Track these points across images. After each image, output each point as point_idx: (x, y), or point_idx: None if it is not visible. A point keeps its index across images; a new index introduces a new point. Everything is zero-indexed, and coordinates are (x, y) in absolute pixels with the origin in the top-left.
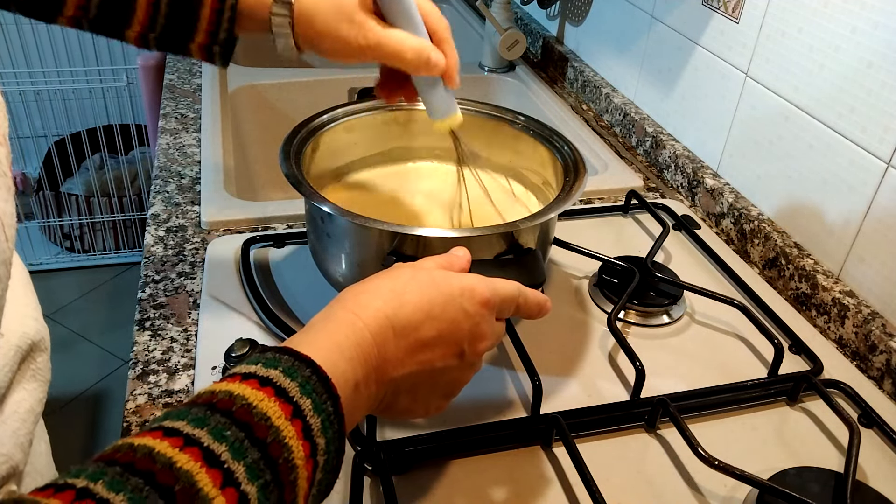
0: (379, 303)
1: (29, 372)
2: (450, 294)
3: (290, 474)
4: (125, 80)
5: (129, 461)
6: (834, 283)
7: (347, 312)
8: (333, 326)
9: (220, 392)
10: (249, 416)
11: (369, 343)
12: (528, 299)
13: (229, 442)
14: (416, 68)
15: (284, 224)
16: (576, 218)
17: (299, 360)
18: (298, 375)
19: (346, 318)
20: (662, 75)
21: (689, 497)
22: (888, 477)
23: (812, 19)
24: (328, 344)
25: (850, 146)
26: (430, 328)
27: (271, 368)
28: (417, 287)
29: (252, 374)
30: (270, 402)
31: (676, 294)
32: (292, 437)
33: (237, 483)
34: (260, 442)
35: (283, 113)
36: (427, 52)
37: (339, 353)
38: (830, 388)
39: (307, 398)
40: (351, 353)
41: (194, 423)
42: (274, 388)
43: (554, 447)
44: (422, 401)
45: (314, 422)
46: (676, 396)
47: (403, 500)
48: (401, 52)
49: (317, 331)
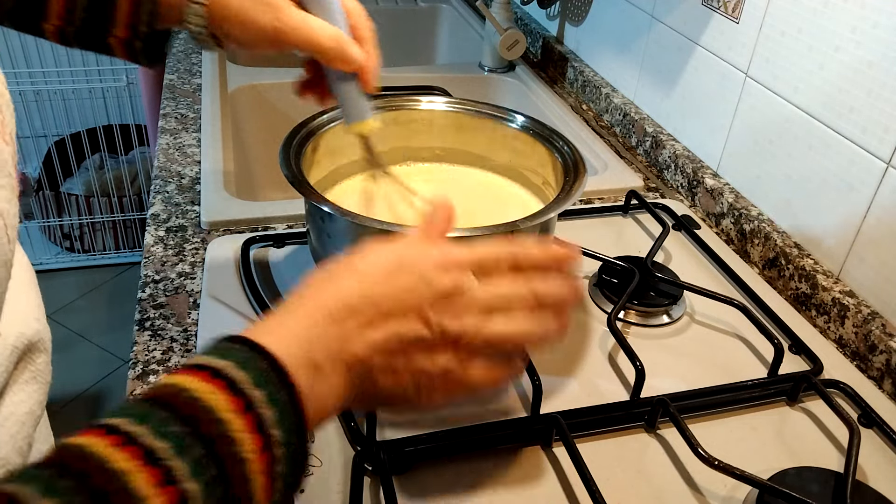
0: (335, 284)
1: (28, 373)
2: (407, 262)
3: (239, 468)
4: (125, 80)
5: (64, 462)
6: (834, 283)
7: (305, 298)
8: (293, 314)
9: (167, 385)
10: (195, 409)
11: (326, 324)
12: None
13: (171, 438)
14: (331, 58)
15: (284, 224)
16: (576, 218)
17: (254, 351)
18: (252, 366)
19: (304, 304)
20: (662, 75)
21: (689, 497)
22: (888, 477)
23: (812, 19)
24: (285, 332)
25: (850, 146)
26: (387, 299)
27: (224, 359)
28: (375, 260)
29: (204, 366)
30: (218, 394)
31: (676, 294)
32: (241, 430)
33: (177, 481)
34: (204, 437)
35: (283, 113)
36: (345, 44)
37: (296, 341)
38: (830, 388)
39: (260, 389)
40: (309, 339)
41: (136, 419)
42: (225, 381)
43: (554, 447)
44: (406, 381)
45: (267, 414)
46: (676, 396)
47: (403, 500)
48: (318, 38)
49: (276, 319)
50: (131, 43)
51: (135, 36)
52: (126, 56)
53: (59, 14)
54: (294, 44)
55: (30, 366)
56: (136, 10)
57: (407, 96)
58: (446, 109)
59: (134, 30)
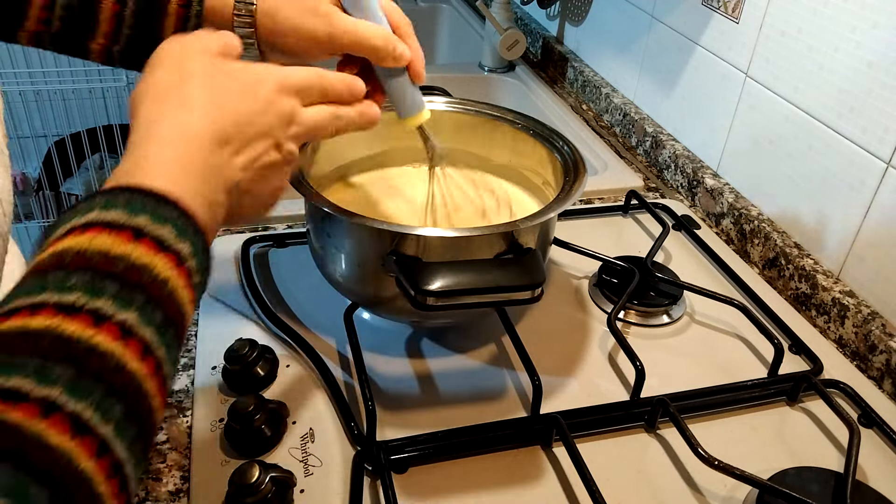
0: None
1: None
2: (249, 86)
3: (163, 289)
4: (125, 80)
5: None
6: (834, 283)
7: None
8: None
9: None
10: (86, 260)
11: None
12: (331, 81)
13: (78, 287)
14: (383, 57)
15: (284, 224)
16: (576, 218)
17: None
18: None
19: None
20: (662, 75)
21: (689, 497)
22: (888, 477)
23: (812, 19)
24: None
25: (850, 146)
26: (247, 125)
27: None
28: (225, 87)
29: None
30: (101, 237)
31: (676, 294)
32: (144, 254)
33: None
34: (112, 274)
35: None
36: (394, 42)
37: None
38: (830, 388)
39: (141, 215)
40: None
41: (32, 291)
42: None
43: (554, 447)
44: (263, 201)
45: (163, 232)
46: (676, 396)
47: (403, 500)
48: (369, 39)
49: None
50: None
51: None
52: None
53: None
54: (348, 48)
55: None
56: (182, 25)
57: None
58: (446, 109)
59: None
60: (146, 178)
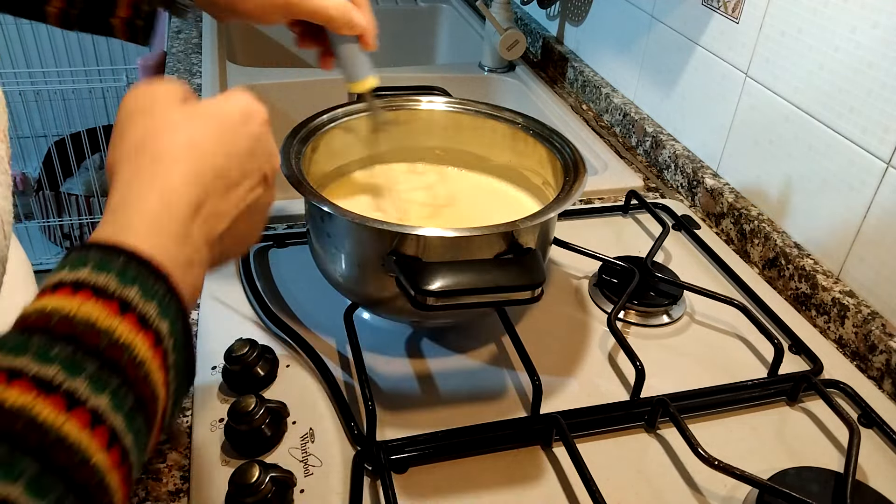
0: (183, 165)
1: None
2: (234, 124)
3: (139, 370)
4: (125, 80)
5: None
6: (834, 283)
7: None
8: (144, 202)
9: (33, 312)
10: (71, 327)
11: (186, 207)
12: None
13: (59, 361)
14: (339, 25)
15: (284, 224)
16: (576, 218)
17: (108, 250)
18: (112, 267)
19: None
20: (662, 75)
21: (689, 497)
22: (888, 477)
23: (812, 19)
24: (145, 223)
25: (850, 146)
26: (233, 168)
27: (81, 268)
28: (205, 130)
29: (61, 283)
30: (89, 304)
31: (676, 294)
32: (128, 331)
33: (82, 401)
34: (93, 350)
35: (283, 113)
36: (350, 10)
37: (159, 229)
38: (830, 388)
39: (131, 287)
40: (171, 226)
41: (14, 352)
42: (91, 290)
43: (554, 447)
44: (244, 237)
45: (148, 309)
46: (676, 396)
47: (403, 500)
48: (326, 8)
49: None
50: (132, 22)
51: (136, 15)
52: (126, 36)
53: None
54: (304, 15)
55: None
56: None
57: (407, 96)
58: (446, 109)
59: (136, 9)
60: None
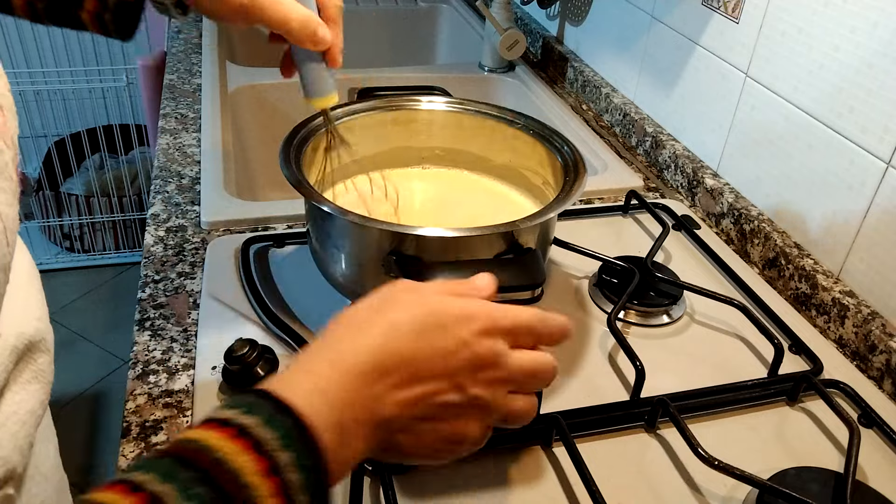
0: (369, 339)
1: (29, 373)
2: (445, 322)
3: None
4: (125, 80)
5: None
6: (834, 283)
7: (334, 348)
8: (321, 368)
9: (191, 441)
10: (220, 471)
11: (358, 386)
12: (548, 324)
13: (197, 500)
14: (300, 39)
15: (284, 224)
16: (576, 218)
17: (281, 409)
18: (279, 425)
19: (334, 358)
20: (662, 75)
21: (689, 497)
22: (888, 477)
23: (812, 19)
24: (313, 389)
25: (850, 146)
26: (422, 360)
27: (250, 416)
28: (410, 316)
29: (229, 422)
30: (244, 455)
31: (676, 294)
32: (267, 495)
33: None
34: (230, 499)
35: (283, 113)
36: (314, 25)
37: (324, 399)
38: (830, 388)
39: (287, 452)
40: (339, 400)
41: (161, 477)
42: (251, 440)
43: (554, 447)
44: (427, 443)
45: (293, 478)
46: (676, 396)
47: (403, 500)
48: (286, 19)
49: (303, 371)
50: (101, 15)
51: (104, 8)
52: (98, 30)
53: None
54: (264, 21)
55: (31, 365)
56: None
57: (407, 96)
58: (446, 109)
59: (103, 2)
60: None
